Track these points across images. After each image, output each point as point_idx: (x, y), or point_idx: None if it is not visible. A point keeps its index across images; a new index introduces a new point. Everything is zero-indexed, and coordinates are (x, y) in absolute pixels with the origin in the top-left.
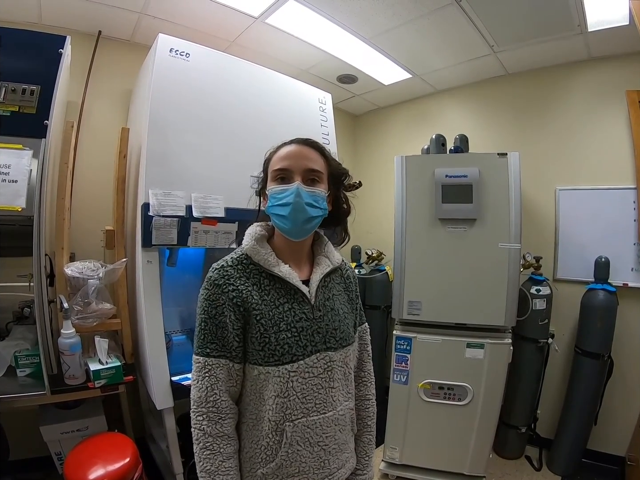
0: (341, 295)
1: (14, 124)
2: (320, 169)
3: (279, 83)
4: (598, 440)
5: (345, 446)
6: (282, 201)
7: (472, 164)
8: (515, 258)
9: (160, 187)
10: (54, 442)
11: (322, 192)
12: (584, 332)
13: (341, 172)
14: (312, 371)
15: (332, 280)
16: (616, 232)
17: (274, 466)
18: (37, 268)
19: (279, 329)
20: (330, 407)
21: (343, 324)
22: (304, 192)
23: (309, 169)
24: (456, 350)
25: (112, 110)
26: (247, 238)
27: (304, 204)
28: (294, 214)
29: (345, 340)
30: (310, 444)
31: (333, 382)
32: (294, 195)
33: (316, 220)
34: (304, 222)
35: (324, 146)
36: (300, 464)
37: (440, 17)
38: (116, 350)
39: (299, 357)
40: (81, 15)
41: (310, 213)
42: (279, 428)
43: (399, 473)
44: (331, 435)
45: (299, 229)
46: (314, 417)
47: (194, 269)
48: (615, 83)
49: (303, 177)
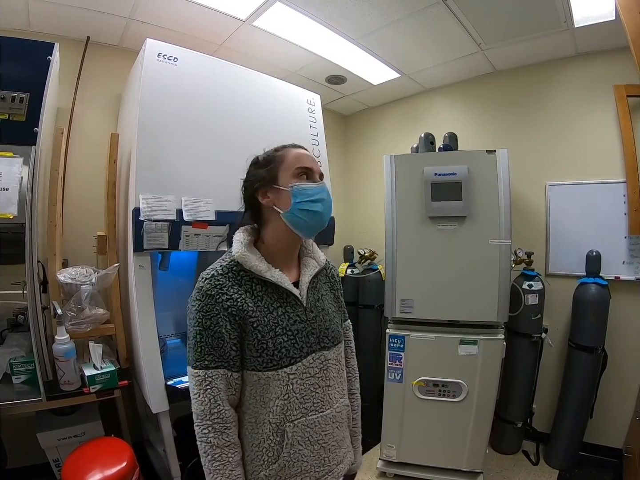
0: (328, 295)
1: (3, 132)
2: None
3: (268, 85)
4: (595, 433)
5: (343, 442)
6: (315, 197)
7: (461, 162)
8: (506, 254)
9: (150, 192)
10: (52, 448)
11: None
12: (577, 326)
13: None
14: (309, 371)
15: (319, 281)
16: (607, 226)
17: (277, 467)
18: (29, 275)
19: (276, 334)
20: (328, 405)
21: (333, 322)
22: (328, 193)
23: (322, 173)
24: (450, 347)
25: (102, 115)
26: (236, 244)
27: (330, 202)
28: (326, 210)
29: (337, 338)
30: (310, 443)
31: (329, 380)
32: (327, 193)
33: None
34: (327, 220)
35: None
36: (302, 463)
37: (427, 16)
38: (111, 355)
39: (296, 359)
40: (69, 22)
41: (331, 211)
42: (279, 429)
43: (397, 471)
44: (330, 433)
45: (322, 226)
46: (312, 416)
47: (187, 273)
48: (603, 78)
49: (319, 180)
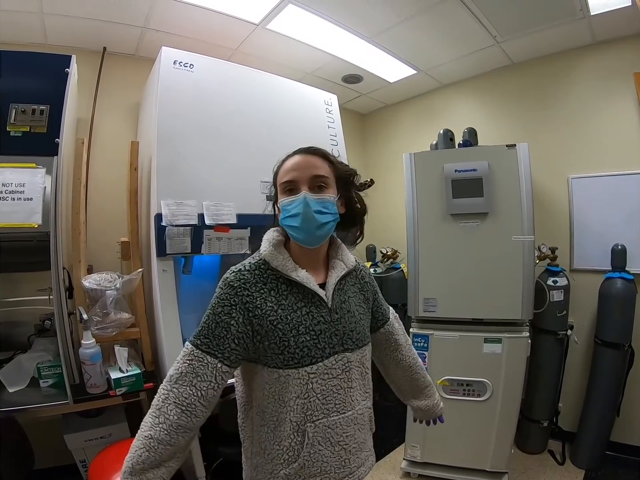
0: (356, 297)
1: (26, 144)
2: (325, 174)
3: (284, 87)
4: (622, 432)
5: (364, 444)
6: (291, 212)
7: (481, 158)
8: (530, 250)
9: (172, 197)
10: (78, 450)
11: (330, 197)
12: (603, 322)
13: (348, 173)
14: (331, 372)
15: (347, 283)
16: (632, 219)
17: (297, 466)
18: (55, 282)
19: (298, 332)
20: (349, 407)
21: (359, 325)
22: (312, 200)
23: (314, 176)
24: (474, 345)
25: (121, 124)
26: (264, 244)
27: (312, 212)
28: (305, 224)
29: (362, 340)
30: (331, 444)
31: (351, 382)
32: (302, 205)
33: (328, 225)
34: (315, 230)
35: (327, 151)
36: (322, 464)
37: (440, 11)
38: (136, 358)
39: (317, 359)
40: (85, 34)
41: (320, 220)
42: (300, 429)
43: (421, 471)
44: (351, 435)
45: (312, 238)
46: (334, 417)
47: (210, 276)
48: (622, 66)
49: (310, 185)
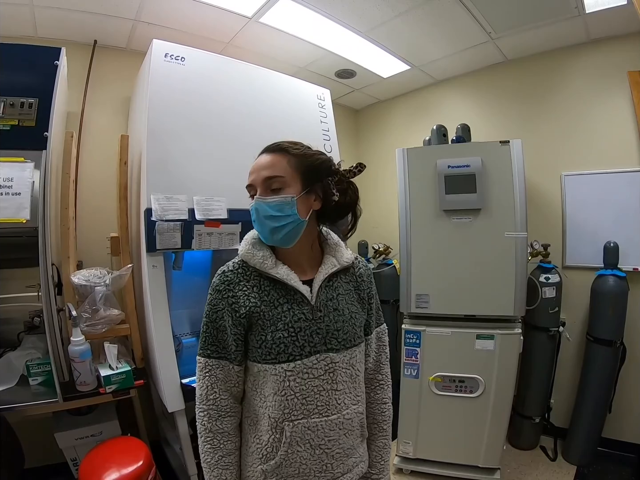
0: (349, 295)
1: (14, 138)
2: (280, 173)
3: (277, 82)
4: (614, 429)
5: (352, 451)
6: (252, 217)
7: (474, 154)
8: (522, 246)
9: (162, 192)
10: (69, 448)
11: (285, 197)
12: (596, 319)
13: (317, 164)
14: (312, 372)
15: (339, 280)
16: (624, 216)
17: (274, 464)
18: (44, 278)
19: (276, 328)
20: (335, 410)
21: (348, 324)
22: (263, 205)
23: (264, 178)
24: (466, 342)
25: (112, 118)
26: (242, 243)
27: (263, 217)
28: (261, 228)
29: (350, 341)
30: (311, 446)
31: (336, 384)
32: (254, 212)
33: (285, 229)
34: (270, 235)
35: (290, 144)
36: (300, 465)
37: (435, 6)
38: (126, 355)
39: (295, 357)
40: (76, 26)
41: (272, 224)
42: (278, 426)
43: (413, 467)
44: (335, 439)
45: (274, 240)
46: (315, 419)
47: (202, 271)
48: (616, 64)
49: (263, 189)
